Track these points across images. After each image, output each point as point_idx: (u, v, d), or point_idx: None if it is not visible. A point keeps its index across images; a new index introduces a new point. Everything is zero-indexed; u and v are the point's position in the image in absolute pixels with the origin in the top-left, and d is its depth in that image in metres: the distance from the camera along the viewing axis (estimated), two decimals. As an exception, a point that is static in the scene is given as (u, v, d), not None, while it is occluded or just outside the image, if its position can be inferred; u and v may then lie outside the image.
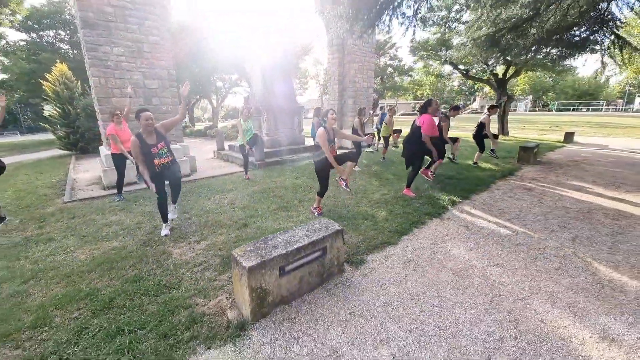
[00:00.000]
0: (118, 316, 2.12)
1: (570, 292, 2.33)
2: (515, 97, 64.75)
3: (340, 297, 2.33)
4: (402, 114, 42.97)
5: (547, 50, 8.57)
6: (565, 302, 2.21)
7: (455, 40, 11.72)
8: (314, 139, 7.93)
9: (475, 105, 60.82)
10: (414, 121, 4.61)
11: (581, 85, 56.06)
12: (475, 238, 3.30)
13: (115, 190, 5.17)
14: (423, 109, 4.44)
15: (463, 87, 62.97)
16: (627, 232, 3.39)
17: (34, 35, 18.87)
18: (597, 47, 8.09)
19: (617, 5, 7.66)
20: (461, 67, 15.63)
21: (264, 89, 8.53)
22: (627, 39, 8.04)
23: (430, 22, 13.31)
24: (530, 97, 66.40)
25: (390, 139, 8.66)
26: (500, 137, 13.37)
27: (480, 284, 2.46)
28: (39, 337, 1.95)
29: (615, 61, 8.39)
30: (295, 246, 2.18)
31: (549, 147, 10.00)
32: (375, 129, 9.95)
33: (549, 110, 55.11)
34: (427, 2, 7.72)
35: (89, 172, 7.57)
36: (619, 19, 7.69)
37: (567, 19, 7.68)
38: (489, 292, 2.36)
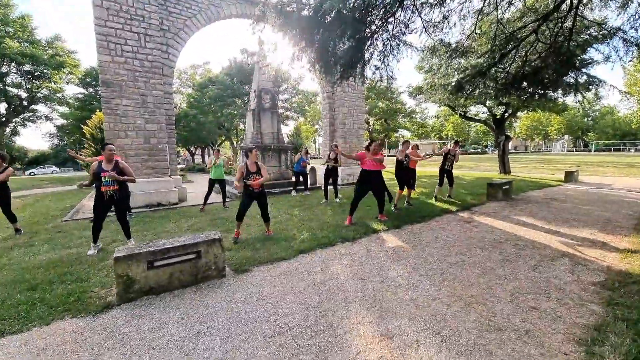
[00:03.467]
0: (33, 294, 2.81)
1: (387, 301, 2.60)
2: (551, 138, 62.60)
3: (204, 295, 2.82)
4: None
5: (520, 92, 8.94)
6: (372, 304, 2.50)
7: (426, 85, 12.47)
8: (296, 174, 8.78)
9: (510, 146, 59.19)
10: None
11: (622, 124, 52.64)
12: (363, 259, 3.62)
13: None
14: (366, 148, 5.12)
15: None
16: (514, 261, 3.49)
17: (91, 89, 23.07)
18: (571, 87, 8.31)
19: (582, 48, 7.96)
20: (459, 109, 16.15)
21: (253, 131, 9.73)
22: (600, 78, 8.18)
23: (421, 68, 14.35)
24: (567, 137, 63.23)
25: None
26: (500, 175, 13.18)
27: (327, 290, 2.81)
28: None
29: (585, 100, 8.46)
30: (165, 246, 2.79)
31: (539, 185, 9.74)
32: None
33: (589, 151, 51.64)
34: (393, 55, 8.70)
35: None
36: (589, 60, 7.98)
37: (531, 64, 8.18)
38: (329, 298, 2.70)
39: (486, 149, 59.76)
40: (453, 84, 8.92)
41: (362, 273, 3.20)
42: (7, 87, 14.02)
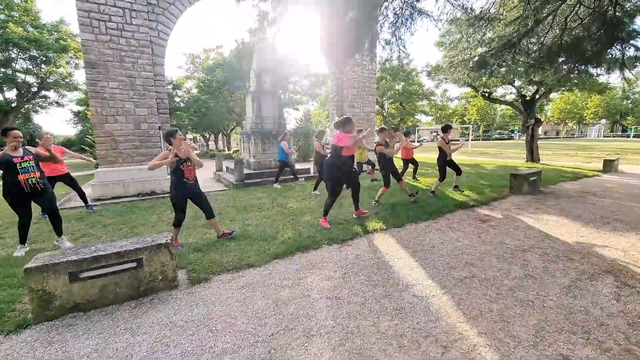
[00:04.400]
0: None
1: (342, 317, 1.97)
2: (587, 122, 57.23)
3: (141, 313, 2.31)
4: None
5: (556, 67, 7.65)
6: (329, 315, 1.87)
7: (445, 62, 11.15)
8: (281, 164, 7.96)
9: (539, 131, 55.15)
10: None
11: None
12: (347, 268, 2.98)
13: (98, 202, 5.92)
14: (339, 126, 4.28)
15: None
16: (540, 278, 2.73)
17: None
18: (616, 62, 6.99)
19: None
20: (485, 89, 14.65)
21: (252, 115, 9.11)
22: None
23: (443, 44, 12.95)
24: (604, 121, 57.90)
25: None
26: (527, 164, 11.91)
27: (290, 314, 2.22)
28: None
29: (626, 80, 7.12)
30: (95, 254, 2.29)
31: (572, 175, 8.54)
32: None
33: (627, 136, 47.10)
34: (406, 27, 7.66)
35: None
36: (638, 31, 6.62)
37: (570, 33, 6.92)
38: (288, 328, 2.11)
39: (512, 134, 56.02)
40: (475, 59, 7.79)
41: (340, 289, 2.57)
42: (16, 73, 14.23)
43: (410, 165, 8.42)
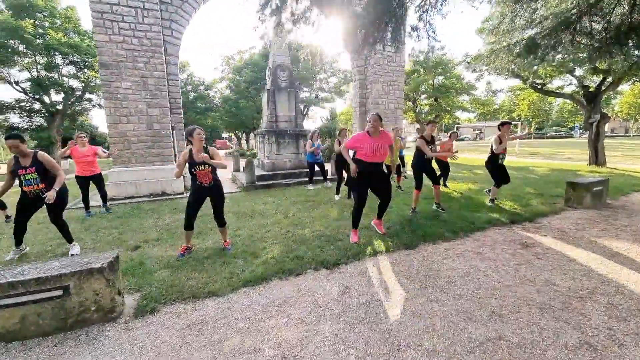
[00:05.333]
0: None
1: None
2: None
3: (58, 355, 1.90)
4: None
5: (625, 52, 6.07)
6: None
7: (483, 48, 9.62)
8: (309, 165, 7.39)
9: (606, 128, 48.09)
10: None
11: None
12: (325, 309, 2.32)
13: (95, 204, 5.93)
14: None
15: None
16: (606, 350, 1.81)
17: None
18: None
19: None
20: (538, 81, 12.73)
21: (268, 114, 8.72)
22: None
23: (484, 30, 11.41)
24: (693, 115, 48.51)
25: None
26: (590, 167, 10.02)
27: (225, 382, 1.64)
28: None
29: None
30: (9, 280, 1.92)
31: (653, 184, 6.82)
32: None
33: None
34: (436, 9, 6.67)
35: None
36: None
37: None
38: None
39: (571, 132, 49.59)
40: (523, 43, 6.51)
41: (306, 344, 1.92)
42: (63, 77, 15.65)
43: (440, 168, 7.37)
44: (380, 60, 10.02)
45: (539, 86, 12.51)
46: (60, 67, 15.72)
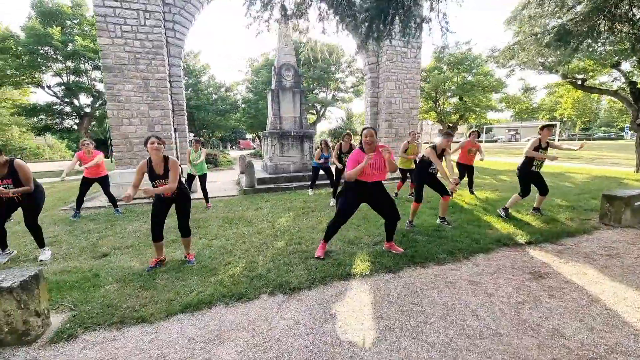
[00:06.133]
0: None
1: None
2: None
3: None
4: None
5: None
6: None
7: (508, 40, 8.54)
8: (314, 169, 6.89)
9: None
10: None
11: None
12: (261, 351, 1.92)
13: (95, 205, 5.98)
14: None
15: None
16: None
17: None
18: None
19: None
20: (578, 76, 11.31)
21: (272, 115, 8.47)
22: None
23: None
24: None
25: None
26: (637, 175, 8.64)
27: None
28: None
29: None
30: None
31: None
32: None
33: None
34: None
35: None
36: None
37: None
38: None
39: (622, 134, 44.52)
40: (553, 31, 5.65)
41: (214, 402, 1.55)
42: (91, 82, 16.70)
43: (465, 174, 6.53)
44: (393, 57, 9.39)
45: (580, 82, 11.09)
46: (89, 71, 16.79)
